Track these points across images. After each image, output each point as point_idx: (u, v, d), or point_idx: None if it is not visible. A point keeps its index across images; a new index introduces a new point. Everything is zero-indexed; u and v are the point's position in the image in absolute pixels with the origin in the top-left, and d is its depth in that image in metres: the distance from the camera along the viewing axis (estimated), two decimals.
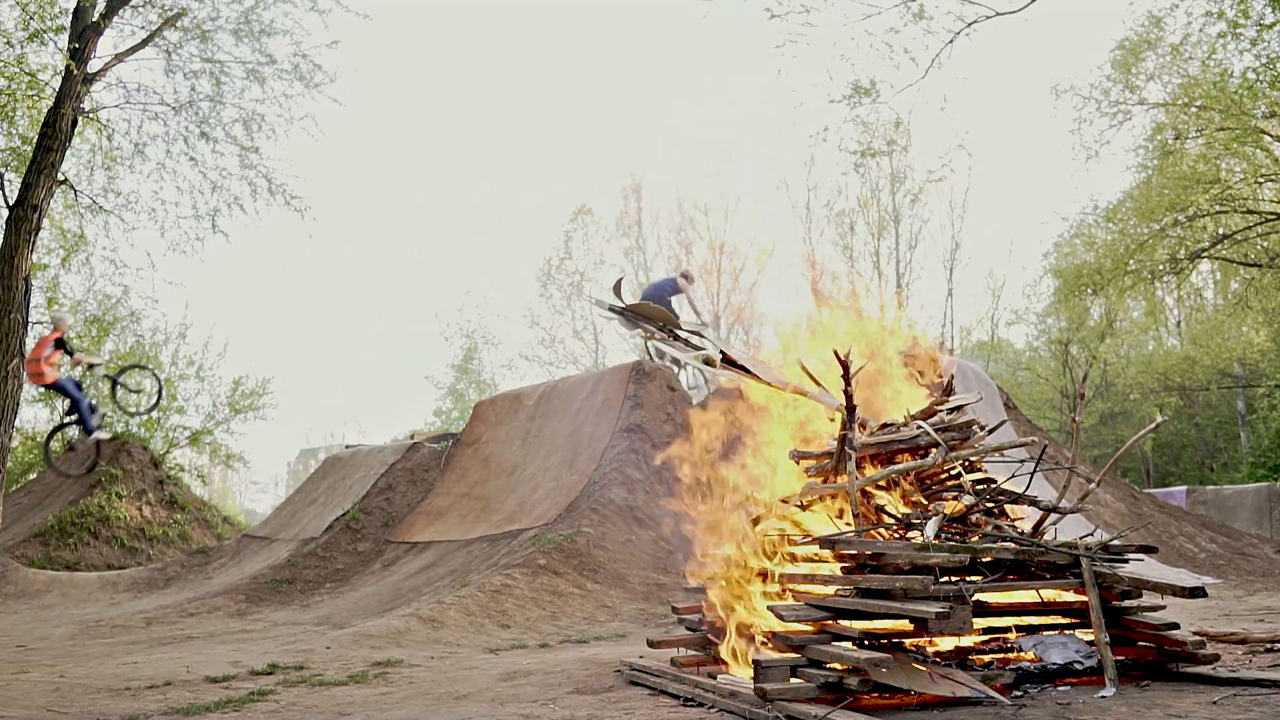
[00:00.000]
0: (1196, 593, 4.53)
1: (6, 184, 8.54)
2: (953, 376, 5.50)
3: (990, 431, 5.14)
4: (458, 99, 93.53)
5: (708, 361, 5.55)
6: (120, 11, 8.62)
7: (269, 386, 24.20)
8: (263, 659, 6.61)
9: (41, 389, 12.52)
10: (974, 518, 4.77)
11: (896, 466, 4.85)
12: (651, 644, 5.64)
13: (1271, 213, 18.53)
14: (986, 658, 4.43)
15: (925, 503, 4.92)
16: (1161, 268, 19.93)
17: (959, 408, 5.12)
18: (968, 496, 4.84)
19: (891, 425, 5.15)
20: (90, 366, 12.37)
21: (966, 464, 5.02)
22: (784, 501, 5.16)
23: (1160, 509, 14.86)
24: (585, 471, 11.73)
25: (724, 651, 4.78)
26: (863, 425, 5.10)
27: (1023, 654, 4.43)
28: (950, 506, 4.77)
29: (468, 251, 77.11)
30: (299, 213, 10.31)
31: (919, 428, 4.96)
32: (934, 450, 4.87)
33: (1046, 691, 4.15)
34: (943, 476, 5.03)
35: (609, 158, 73.90)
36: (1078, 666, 4.29)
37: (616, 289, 6.45)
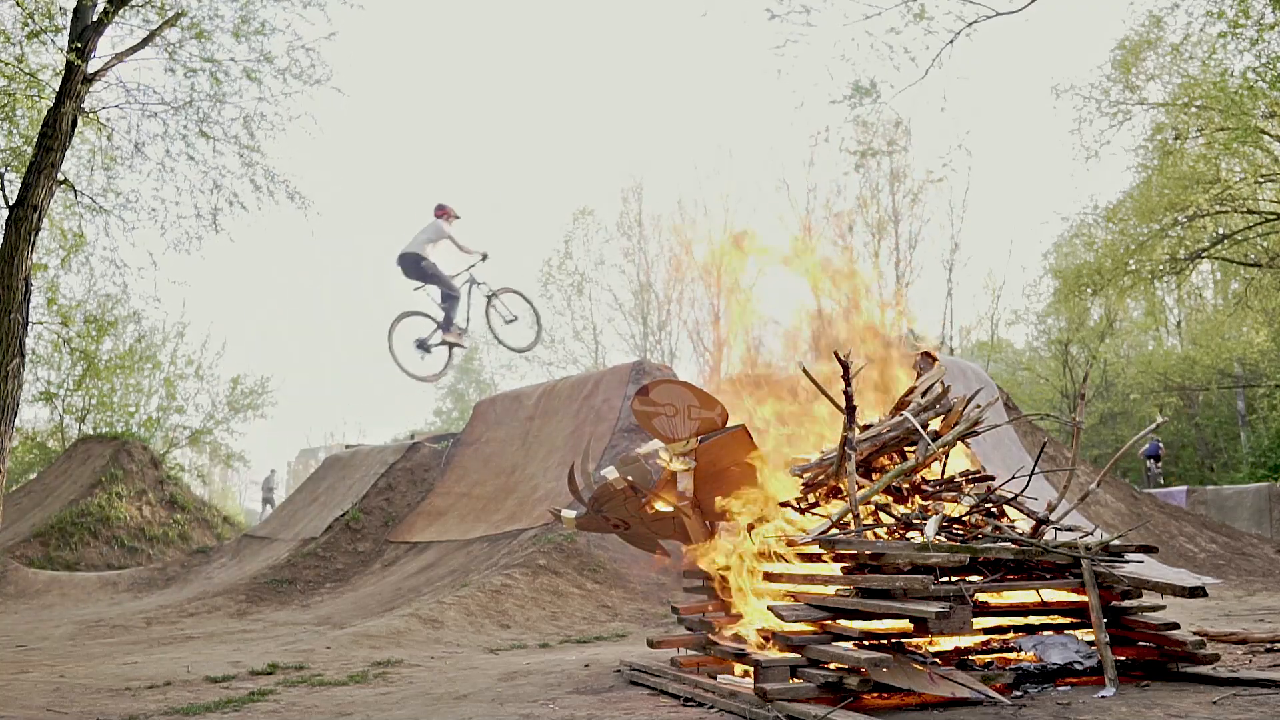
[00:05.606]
0: (1196, 593, 4.53)
1: (6, 184, 8.52)
2: (919, 360, 5.51)
3: (971, 401, 5.11)
4: (458, 99, 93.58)
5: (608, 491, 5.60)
6: (120, 11, 8.61)
7: (268, 384, 24.30)
8: (263, 659, 6.61)
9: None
10: (973, 518, 4.77)
11: (890, 473, 4.84)
12: (651, 644, 5.64)
13: (1271, 213, 18.53)
14: (986, 658, 4.43)
15: (925, 502, 4.92)
16: (1161, 268, 19.93)
17: (929, 389, 5.13)
18: (966, 497, 4.84)
19: (871, 425, 5.17)
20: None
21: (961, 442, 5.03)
22: (784, 505, 5.16)
23: (1160, 509, 14.86)
24: (585, 472, 11.73)
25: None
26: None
27: (1023, 654, 4.42)
28: (950, 508, 4.77)
29: None
30: (302, 209, 10.25)
31: (902, 418, 4.96)
32: (918, 439, 4.87)
33: (1046, 691, 4.15)
34: (935, 471, 5.04)
35: (609, 159, 73.89)
36: (1078, 666, 4.29)
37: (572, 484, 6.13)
